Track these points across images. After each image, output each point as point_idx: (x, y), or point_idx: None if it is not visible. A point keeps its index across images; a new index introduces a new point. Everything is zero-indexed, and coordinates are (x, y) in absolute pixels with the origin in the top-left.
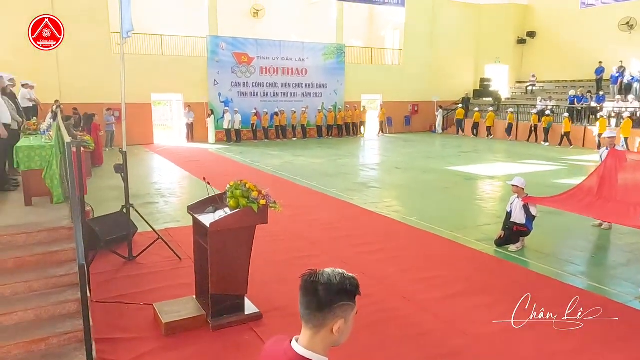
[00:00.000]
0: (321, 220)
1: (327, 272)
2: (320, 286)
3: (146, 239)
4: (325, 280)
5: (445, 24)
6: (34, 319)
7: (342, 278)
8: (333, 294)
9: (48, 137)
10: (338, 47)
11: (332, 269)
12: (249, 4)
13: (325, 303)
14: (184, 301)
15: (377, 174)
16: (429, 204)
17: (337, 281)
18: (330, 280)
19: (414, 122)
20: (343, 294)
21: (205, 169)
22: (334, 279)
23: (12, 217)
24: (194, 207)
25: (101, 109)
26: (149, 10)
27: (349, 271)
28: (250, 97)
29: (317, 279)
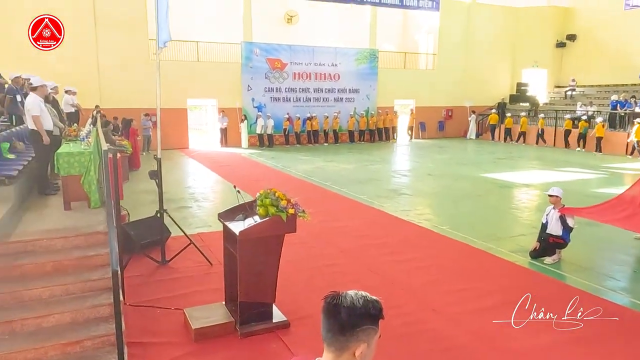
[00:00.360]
0: (351, 227)
1: (350, 294)
2: (343, 309)
3: (179, 243)
4: (348, 303)
5: (480, 27)
6: (70, 322)
7: (366, 301)
8: (356, 318)
9: (87, 144)
10: (371, 52)
11: (355, 292)
12: (283, 10)
13: (347, 326)
14: (214, 307)
15: (408, 181)
16: (461, 212)
17: (361, 304)
18: (353, 304)
19: (447, 128)
20: (366, 317)
21: (238, 174)
22: (357, 302)
23: (51, 221)
24: (224, 214)
25: (139, 114)
26: (185, 17)
27: (379, 280)
28: (283, 102)
29: (340, 302)
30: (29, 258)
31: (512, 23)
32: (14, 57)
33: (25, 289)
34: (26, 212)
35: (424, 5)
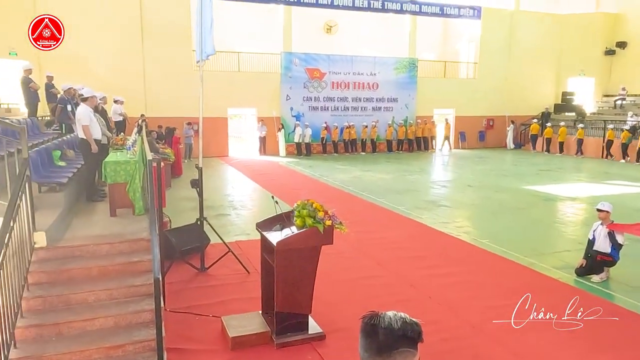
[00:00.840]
0: (388, 239)
1: (388, 315)
2: (381, 330)
3: (218, 251)
4: (385, 324)
5: (524, 35)
6: (113, 326)
7: (404, 323)
8: (393, 339)
9: (132, 153)
10: (410, 60)
11: (394, 313)
12: (322, 20)
13: (384, 348)
14: (251, 316)
15: (447, 192)
16: (502, 225)
17: (398, 326)
18: (390, 325)
19: (488, 138)
20: (404, 340)
21: (275, 182)
22: (395, 323)
23: (98, 227)
24: (262, 224)
25: (182, 122)
26: (227, 29)
27: (416, 294)
28: (321, 111)
29: (378, 322)
30: (77, 263)
31: (558, 30)
32: (66, 69)
33: (72, 292)
34: (75, 217)
35: (465, 13)
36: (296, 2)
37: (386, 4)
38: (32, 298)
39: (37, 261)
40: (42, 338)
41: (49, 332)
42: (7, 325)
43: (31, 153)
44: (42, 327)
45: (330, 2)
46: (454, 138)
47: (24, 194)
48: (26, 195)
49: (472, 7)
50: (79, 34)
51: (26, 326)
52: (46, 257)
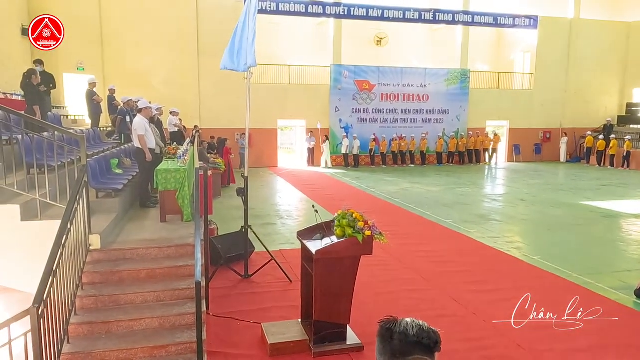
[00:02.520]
0: (434, 252)
1: (406, 321)
2: (395, 335)
3: (261, 259)
4: (401, 329)
5: (584, 44)
6: (158, 327)
7: (420, 330)
8: (408, 346)
9: (183, 162)
10: (462, 72)
11: (412, 319)
12: (373, 32)
13: (398, 353)
14: (290, 324)
15: (499, 206)
16: (556, 242)
17: (414, 333)
18: (406, 331)
19: (545, 151)
20: (418, 347)
21: (322, 193)
22: (411, 330)
23: (149, 231)
24: (303, 232)
25: (233, 133)
26: (280, 42)
27: (460, 310)
28: (370, 123)
29: (394, 327)
30: (127, 265)
31: (622, 39)
32: (127, 82)
33: (122, 293)
34: (128, 222)
35: (521, 23)
36: (346, 15)
37: (438, 15)
38: (86, 297)
39: (92, 262)
40: (93, 335)
41: (99, 330)
42: (62, 321)
43: (90, 161)
44: (93, 325)
45: (381, 14)
46: (507, 151)
47: (81, 198)
48: (83, 200)
49: (528, 17)
50: (139, 50)
51: (79, 323)
52: (100, 258)
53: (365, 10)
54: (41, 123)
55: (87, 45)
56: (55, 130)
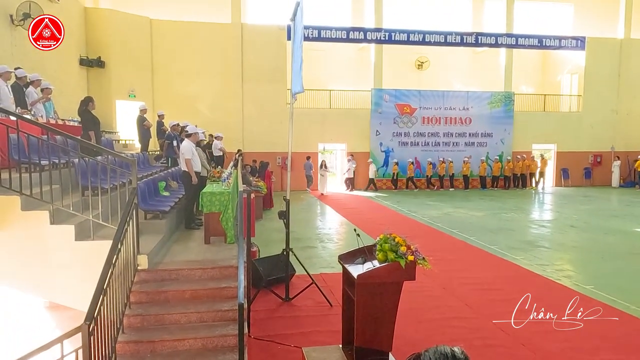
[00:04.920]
0: (479, 279)
1: (431, 350)
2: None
3: (302, 282)
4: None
5: (636, 64)
6: (201, 347)
7: (443, 357)
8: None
9: (227, 185)
10: (506, 94)
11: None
12: (414, 56)
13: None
14: (331, 349)
15: (547, 232)
16: (609, 270)
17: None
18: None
19: (595, 175)
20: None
21: (363, 217)
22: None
23: (193, 252)
24: (344, 256)
25: (275, 157)
26: (321, 68)
27: (508, 340)
28: (411, 146)
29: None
30: (172, 285)
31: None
32: (174, 107)
33: (167, 313)
34: (174, 243)
35: (567, 44)
36: (387, 40)
37: (480, 38)
38: (133, 315)
39: (139, 282)
40: (139, 354)
41: (145, 349)
42: (111, 339)
43: (140, 183)
44: (139, 344)
45: (422, 38)
46: (555, 175)
47: (131, 219)
48: (133, 221)
49: (574, 38)
50: (186, 77)
51: (126, 341)
52: (147, 278)
53: (407, 35)
54: (96, 147)
55: (137, 74)
56: (109, 154)
